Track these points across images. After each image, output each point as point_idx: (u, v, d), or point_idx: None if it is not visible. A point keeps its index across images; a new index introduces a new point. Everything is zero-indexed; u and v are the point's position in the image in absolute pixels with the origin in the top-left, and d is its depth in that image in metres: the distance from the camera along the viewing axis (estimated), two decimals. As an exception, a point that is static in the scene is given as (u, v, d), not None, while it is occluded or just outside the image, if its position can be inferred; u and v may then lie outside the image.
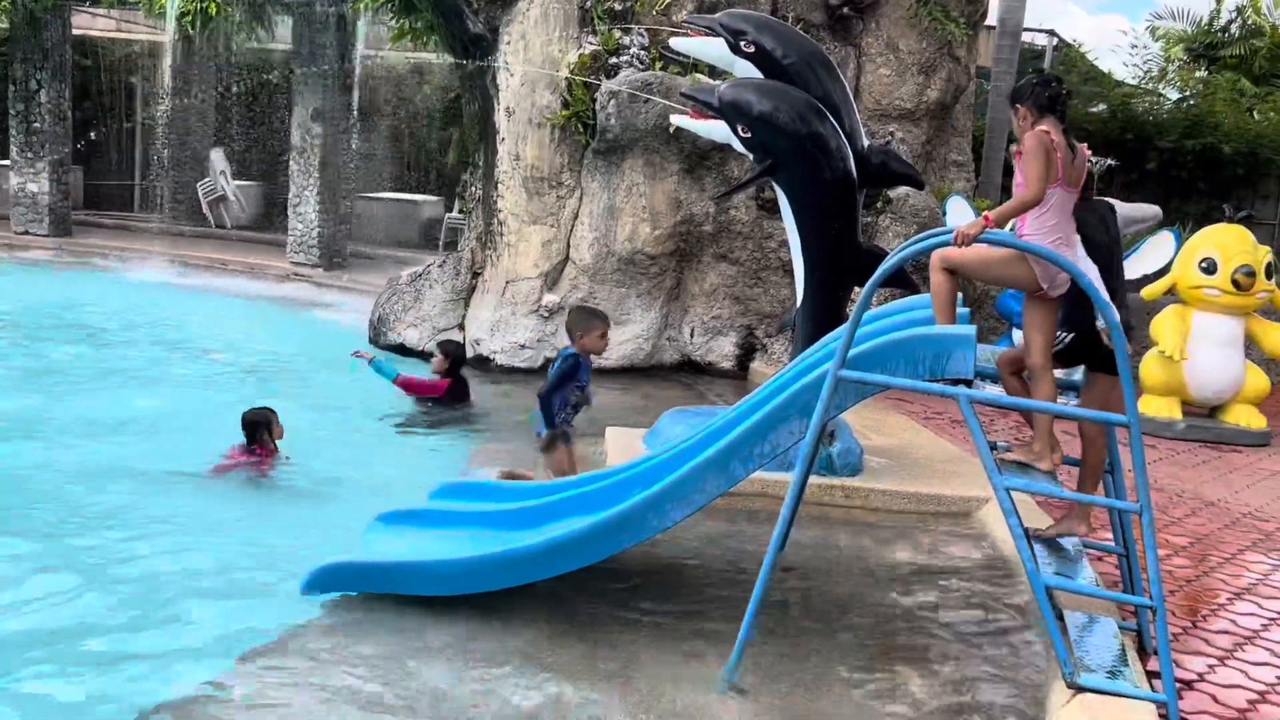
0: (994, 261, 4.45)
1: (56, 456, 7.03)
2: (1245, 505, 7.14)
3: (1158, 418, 9.02)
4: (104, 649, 4.46)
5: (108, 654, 4.41)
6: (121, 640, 4.53)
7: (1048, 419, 4.48)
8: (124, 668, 4.28)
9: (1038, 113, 4.43)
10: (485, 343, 10.21)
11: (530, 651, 4.53)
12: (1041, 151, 4.31)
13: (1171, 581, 5.58)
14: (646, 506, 4.63)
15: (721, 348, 10.44)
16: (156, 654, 4.39)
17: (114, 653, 4.43)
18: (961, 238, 4.17)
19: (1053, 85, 4.47)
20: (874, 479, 6.84)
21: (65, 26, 17.29)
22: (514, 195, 10.15)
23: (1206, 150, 16.97)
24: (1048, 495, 4.25)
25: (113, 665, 4.32)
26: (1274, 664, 4.63)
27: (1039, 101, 4.43)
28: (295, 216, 15.97)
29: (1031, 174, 4.30)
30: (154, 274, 15.30)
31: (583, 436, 8.02)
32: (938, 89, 10.80)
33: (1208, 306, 8.95)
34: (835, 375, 4.22)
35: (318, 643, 4.50)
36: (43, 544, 5.56)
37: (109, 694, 4.08)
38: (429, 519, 5.36)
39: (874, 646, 4.79)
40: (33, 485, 6.44)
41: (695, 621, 4.91)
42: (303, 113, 15.57)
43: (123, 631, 4.62)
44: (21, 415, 7.95)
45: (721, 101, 6.62)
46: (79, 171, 20.23)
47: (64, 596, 4.97)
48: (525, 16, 9.94)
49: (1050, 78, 4.52)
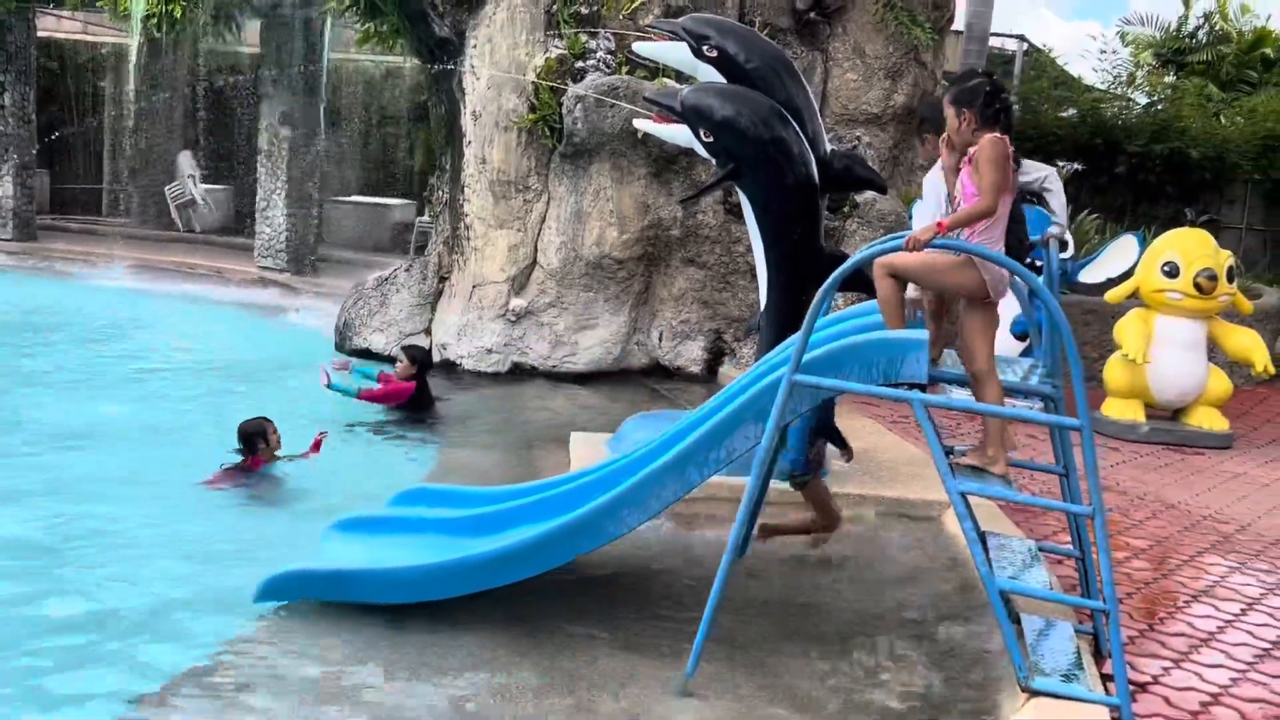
0: (940, 267, 4.41)
1: (8, 462, 6.95)
2: (1206, 508, 7.18)
3: (1121, 420, 9.06)
4: (45, 659, 4.40)
5: (47, 664, 4.36)
6: (59, 651, 4.48)
7: (998, 422, 4.49)
8: (62, 679, 4.23)
9: (981, 122, 4.36)
10: (452, 347, 10.17)
11: (484, 656, 4.52)
12: (1001, 161, 4.26)
13: (1129, 584, 5.61)
14: (603, 512, 4.61)
15: (690, 352, 10.43)
16: (97, 664, 4.34)
17: (54, 663, 4.37)
18: (913, 243, 4.17)
19: (1002, 97, 4.41)
20: (837, 482, 6.82)
21: (30, 29, 17.12)
22: (480, 199, 10.11)
23: (1174, 155, 17.13)
24: (1001, 499, 4.26)
25: (54, 675, 4.26)
26: (1228, 666, 4.65)
27: (985, 113, 4.36)
28: (263, 220, 15.87)
29: (987, 183, 4.24)
30: (118, 279, 15.16)
31: (548, 442, 8.04)
32: (904, 94, 10.84)
33: (1170, 310, 9.00)
34: (790, 380, 4.21)
35: (266, 652, 4.47)
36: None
37: (49, 703, 4.03)
38: (387, 526, 5.33)
39: (833, 650, 4.79)
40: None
41: (655, 625, 4.91)
42: (270, 116, 15.48)
43: (62, 640, 4.56)
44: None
45: (684, 106, 6.61)
46: (45, 175, 20.03)
47: (14, 604, 4.91)
48: (491, 20, 9.91)
49: (999, 87, 4.45)
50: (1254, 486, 7.86)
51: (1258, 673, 4.61)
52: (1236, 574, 5.91)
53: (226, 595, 5.02)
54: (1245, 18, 23.73)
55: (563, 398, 9.58)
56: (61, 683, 4.22)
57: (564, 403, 9.43)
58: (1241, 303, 9.35)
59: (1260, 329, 11.36)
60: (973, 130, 4.35)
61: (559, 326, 10.07)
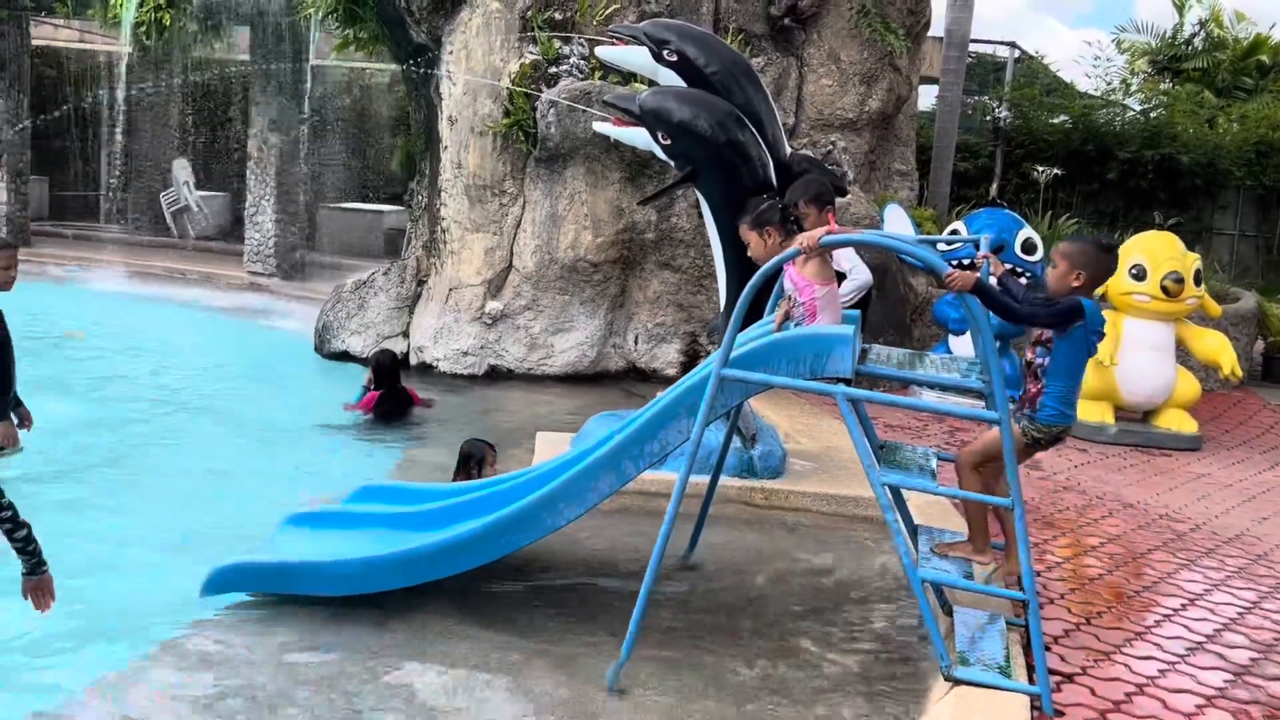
0: None
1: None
2: (1164, 507, 7.23)
3: (1090, 422, 9.11)
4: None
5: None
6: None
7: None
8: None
9: (784, 235, 4.88)
10: (429, 350, 10.26)
11: (425, 648, 4.59)
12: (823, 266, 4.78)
13: (1074, 580, 5.67)
14: (540, 506, 4.69)
15: (666, 354, 10.50)
16: (39, 655, 4.42)
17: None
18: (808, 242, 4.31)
19: (787, 209, 5.10)
20: (794, 481, 6.92)
21: (24, 36, 17.29)
22: (457, 203, 10.21)
23: (1166, 161, 17.19)
24: (922, 490, 4.32)
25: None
26: (1158, 658, 4.71)
27: (786, 223, 4.96)
28: (252, 226, 16.00)
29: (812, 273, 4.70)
30: (109, 284, 15.28)
31: (517, 443, 8.11)
32: (879, 99, 10.92)
33: (1138, 312, 9.06)
34: (718, 374, 4.29)
35: (208, 644, 4.55)
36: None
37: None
38: (337, 520, 5.40)
39: (769, 645, 4.85)
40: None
41: (596, 620, 4.97)
42: (259, 122, 15.61)
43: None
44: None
45: (643, 109, 6.70)
46: (44, 182, 20.22)
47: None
48: (467, 26, 10.02)
49: (780, 203, 5.15)
50: (1215, 486, 7.91)
51: (1187, 665, 4.66)
52: (1184, 571, 5.96)
53: (172, 590, 5.09)
54: (1241, 25, 23.80)
55: (537, 400, 9.66)
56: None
57: (538, 405, 9.50)
58: (1210, 306, 9.40)
59: (1237, 333, 11.46)
60: (779, 242, 4.86)
61: (535, 329, 10.15)
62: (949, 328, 9.75)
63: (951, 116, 13.65)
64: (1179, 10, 24.20)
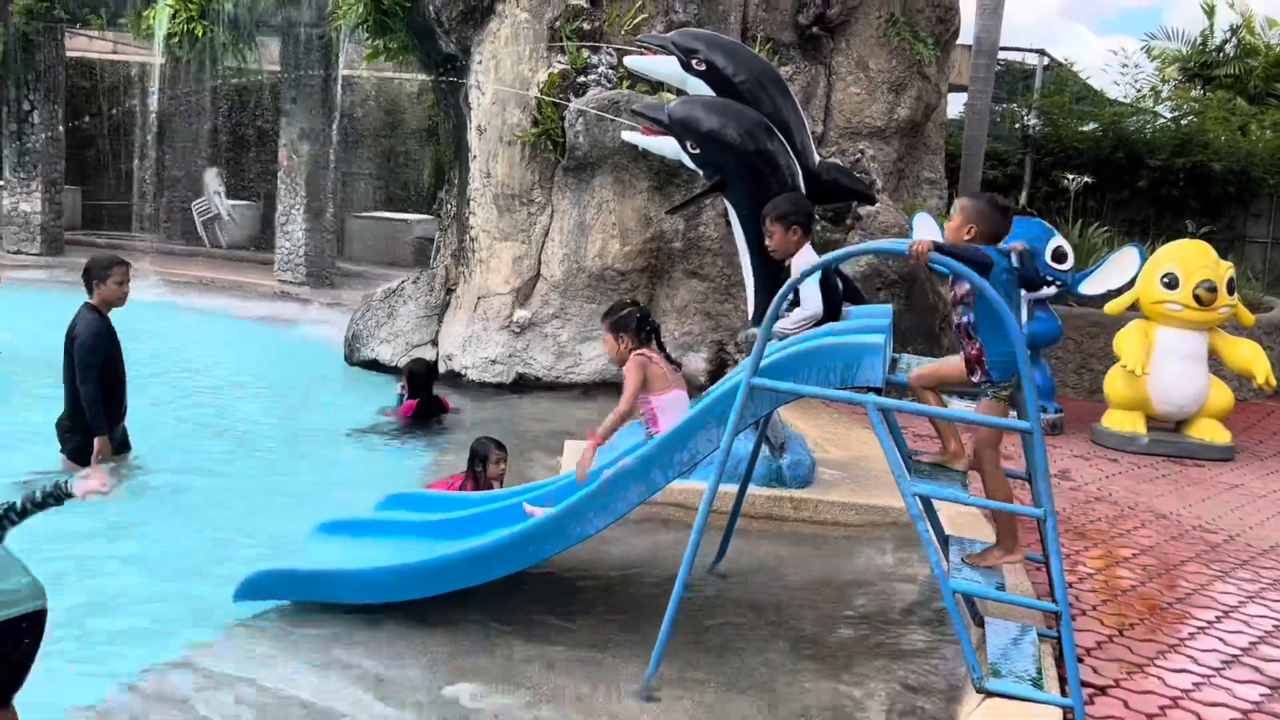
0: None
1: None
2: (1197, 518, 7.17)
3: (1121, 432, 9.05)
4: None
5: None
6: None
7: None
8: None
9: (637, 341, 5.36)
10: (457, 358, 10.31)
11: (451, 657, 4.61)
12: (639, 370, 5.25)
13: (1106, 591, 5.62)
14: (569, 515, 4.70)
15: (694, 363, 10.48)
16: (77, 657, 4.46)
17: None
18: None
19: (650, 321, 5.54)
20: (824, 491, 6.89)
21: (59, 48, 17.52)
22: (485, 212, 10.26)
23: (1197, 168, 17.05)
24: (954, 500, 4.30)
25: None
26: (1192, 671, 4.66)
27: (639, 334, 5.39)
28: (282, 235, 16.13)
29: (627, 393, 5.22)
30: (141, 292, 15.39)
31: (544, 451, 8.14)
32: (908, 107, 10.90)
33: (1170, 321, 8.99)
34: (748, 383, 4.29)
35: (237, 651, 4.58)
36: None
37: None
38: (367, 528, 5.44)
39: (801, 655, 4.83)
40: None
41: (626, 627, 4.97)
42: (290, 132, 15.74)
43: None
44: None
45: (671, 118, 6.71)
46: (77, 192, 20.48)
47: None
48: (496, 36, 10.07)
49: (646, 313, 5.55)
50: (1249, 497, 7.83)
51: (1222, 678, 4.62)
52: (1217, 582, 5.90)
53: (203, 596, 5.14)
54: (1273, 30, 23.57)
55: (564, 408, 9.67)
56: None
57: (565, 413, 9.51)
58: (1243, 315, 9.31)
59: (1270, 342, 11.34)
60: (631, 349, 5.36)
61: (562, 337, 10.18)
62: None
63: (980, 124, 13.59)
64: (1209, 16, 24.01)
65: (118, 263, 6.61)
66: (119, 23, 15.81)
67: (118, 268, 6.55)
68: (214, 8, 13.98)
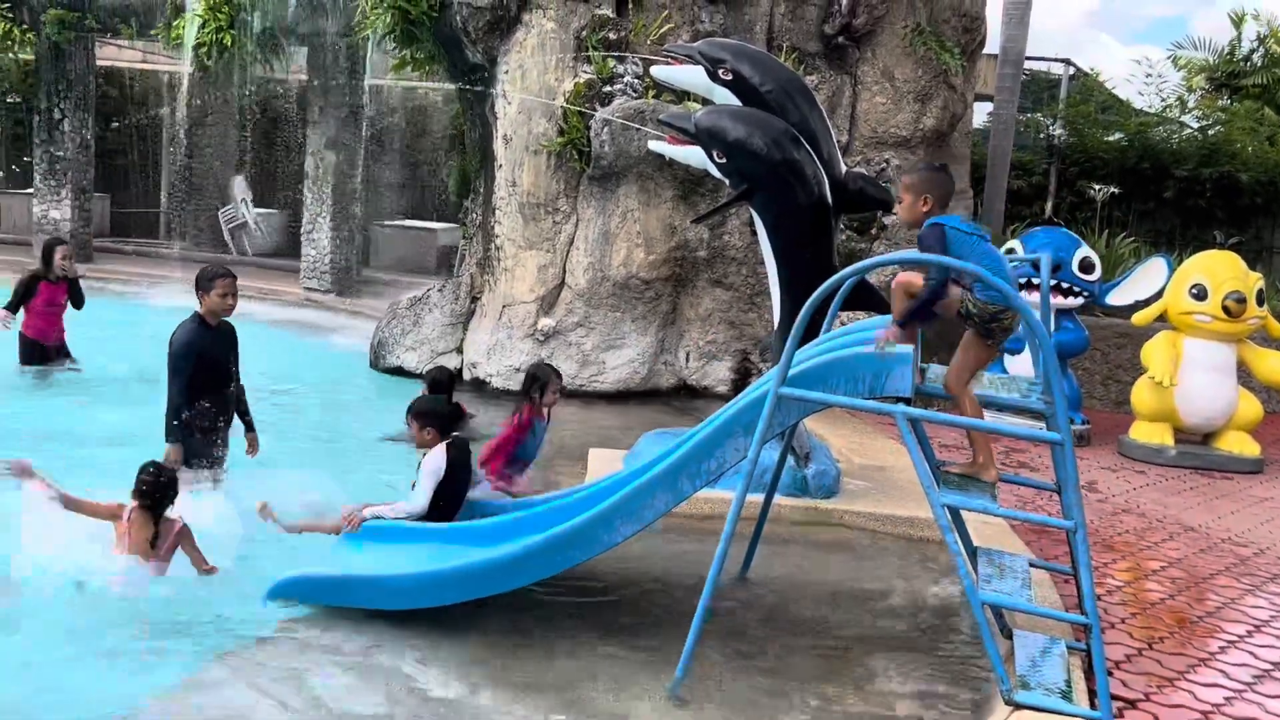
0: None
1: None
2: (1226, 531, 7.11)
3: (1149, 444, 8.99)
4: (64, 651, 4.57)
5: (66, 656, 4.53)
6: (79, 640, 4.65)
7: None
8: (76, 672, 4.40)
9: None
10: (482, 366, 10.34)
11: (480, 662, 4.61)
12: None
13: (1135, 604, 5.59)
14: (596, 522, 4.70)
15: (717, 372, 10.50)
16: (110, 657, 4.50)
17: (69, 656, 4.54)
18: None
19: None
20: (849, 501, 6.89)
21: (89, 57, 17.70)
22: (511, 221, 10.29)
23: (1224, 178, 16.93)
24: (983, 512, 4.28)
25: (67, 670, 4.43)
26: (1224, 686, 4.63)
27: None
28: (309, 243, 16.21)
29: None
30: (169, 299, 15.52)
31: (569, 459, 8.14)
32: (934, 117, 10.87)
33: (1198, 333, 8.93)
34: (776, 393, 4.29)
35: (265, 657, 4.61)
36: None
37: (65, 697, 4.19)
38: (395, 534, 5.44)
39: (826, 664, 4.83)
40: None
41: (651, 636, 4.98)
42: (316, 141, 15.83)
43: (83, 633, 4.73)
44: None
45: (698, 128, 6.73)
46: (106, 200, 20.67)
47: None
48: (522, 46, 10.12)
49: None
50: (1279, 510, 7.76)
51: (1254, 693, 4.58)
52: (1248, 596, 5.86)
53: (239, 599, 5.17)
54: (1301, 40, 23.39)
55: (588, 416, 9.68)
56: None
57: (589, 421, 9.52)
58: (1272, 326, 9.24)
59: (1300, 353, 11.21)
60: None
61: (586, 346, 10.19)
62: (1004, 347, 9.64)
63: (1006, 134, 13.53)
64: (1236, 26, 23.84)
65: (222, 275, 6.71)
66: (149, 33, 15.95)
67: (222, 280, 6.65)
68: (242, 18, 14.09)
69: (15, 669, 4.40)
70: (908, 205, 4.72)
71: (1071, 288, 9.38)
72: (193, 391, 6.51)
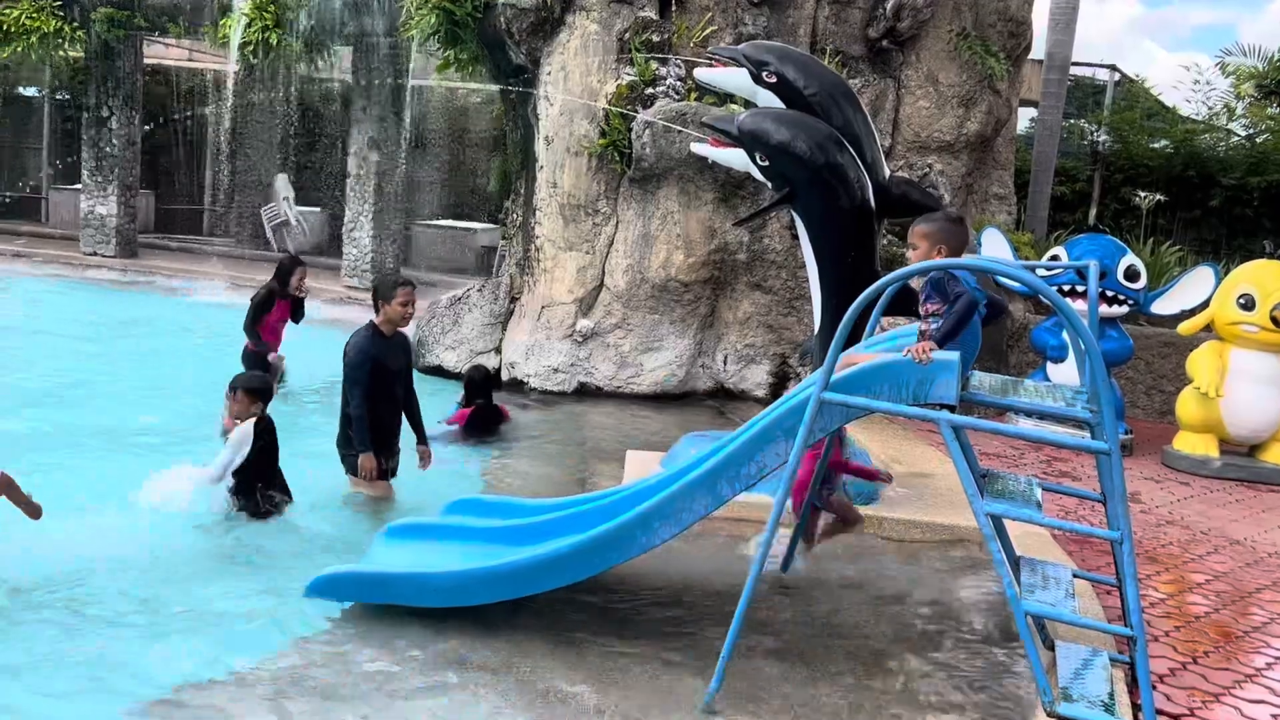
0: None
1: (74, 460, 7.26)
2: (1272, 545, 6.99)
3: (1193, 455, 8.86)
4: (97, 644, 4.62)
5: (99, 650, 4.58)
6: (113, 634, 4.70)
7: None
8: (111, 665, 4.44)
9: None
10: (520, 366, 10.37)
11: (515, 663, 4.62)
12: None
13: (1179, 617, 5.50)
14: (635, 524, 4.70)
15: (755, 375, 10.47)
16: (151, 655, 4.54)
17: (102, 649, 4.59)
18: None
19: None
20: (890, 508, 6.84)
21: (137, 55, 17.95)
22: (551, 222, 10.32)
23: (1273, 187, 16.67)
24: (1028, 521, 4.23)
25: (100, 661, 4.48)
26: (1271, 702, 4.54)
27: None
28: (350, 241, 16.35)
29: None
30: (212, 295, 15.72)
31: (606, 460, 8.15)
32: (978, 122, 10.79)
33: (1245, 343, 8.79)
34: (818, 398, 4.26)
35: (308, 653, 4.64)
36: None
37: (97, 690, 4.24)
38: (434, 533, 5.48)
39: (865, 674, 4.79)
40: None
41: (686, 640, 4.96)
42: (359, 140, 15.97)
43: (114, 625, 4.78)
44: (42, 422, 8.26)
45: (741, 130, 6.72)
46: (151, 196, 20.95)
47: (71, 580, 5.16)
48: (565, 48, 10.14)
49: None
50: (1328, 526, 7.62)
51: (1302, 710, 4.50)
52: (1295, 612, 5.75)
53: (275, 598, 5.21)
54: (1355, 47, 22.98)
55: (625, 418, 9.70)
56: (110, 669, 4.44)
57: (626, 422, 9.53)
58: (1322, 337, 9.06)
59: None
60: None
61: (624, 348, 10.20)
62: (1047, 354, 9.56)
63: (1051, 140, 13.42)
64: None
65: (402, 284, 6.79)
66: (196, 31, 16.14)
67: (402, 289, 6.73)
68: (288, 17, 14.23)
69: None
70: (922, 253, 4.67)
71: (1116, 295, 9.27)
72: (369, 402, 6.54)
